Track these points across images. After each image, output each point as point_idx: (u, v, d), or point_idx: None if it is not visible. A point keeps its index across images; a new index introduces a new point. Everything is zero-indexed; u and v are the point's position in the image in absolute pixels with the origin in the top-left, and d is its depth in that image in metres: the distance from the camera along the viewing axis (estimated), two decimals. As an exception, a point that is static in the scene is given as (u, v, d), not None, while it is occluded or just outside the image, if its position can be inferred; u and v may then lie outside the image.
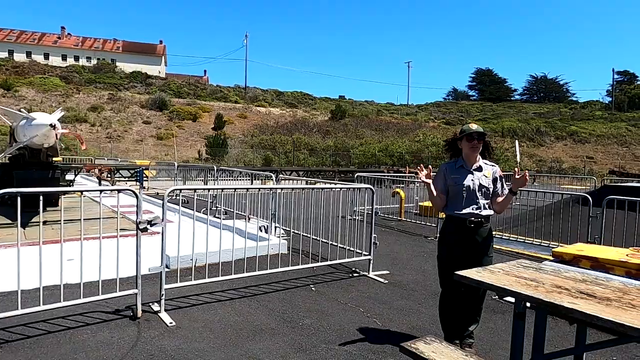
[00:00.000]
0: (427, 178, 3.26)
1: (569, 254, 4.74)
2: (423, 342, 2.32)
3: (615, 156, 40.96)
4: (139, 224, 3.74)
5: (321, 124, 44.85)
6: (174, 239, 4.24)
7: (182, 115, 41.89)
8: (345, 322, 3.94)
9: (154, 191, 14.48)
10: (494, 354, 3.41)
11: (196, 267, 4.61)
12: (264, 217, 7.70)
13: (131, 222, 7.16)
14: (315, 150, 35.74)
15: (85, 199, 3.92)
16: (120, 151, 31.60)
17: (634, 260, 4.28)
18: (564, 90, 73.47)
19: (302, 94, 63.77)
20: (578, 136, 46.45)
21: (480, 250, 3.22)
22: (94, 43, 66.48)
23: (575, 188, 21.30)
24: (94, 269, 3.75)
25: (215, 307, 4.19)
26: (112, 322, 3.72)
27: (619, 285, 2.39)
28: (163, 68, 68.10)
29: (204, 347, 3.35)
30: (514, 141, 19.47)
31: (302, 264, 5.27)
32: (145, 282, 4.43)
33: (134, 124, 39.15)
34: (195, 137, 37.79)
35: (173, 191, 4.39)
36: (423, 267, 6.03)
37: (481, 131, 3.24)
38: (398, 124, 49.00)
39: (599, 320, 1.85)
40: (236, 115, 45.35)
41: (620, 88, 60.51)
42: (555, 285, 2.33)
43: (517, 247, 7.38)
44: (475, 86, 77.90)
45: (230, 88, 60.13)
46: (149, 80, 54.10)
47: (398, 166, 30.44)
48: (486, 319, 3.96)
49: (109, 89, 47.22)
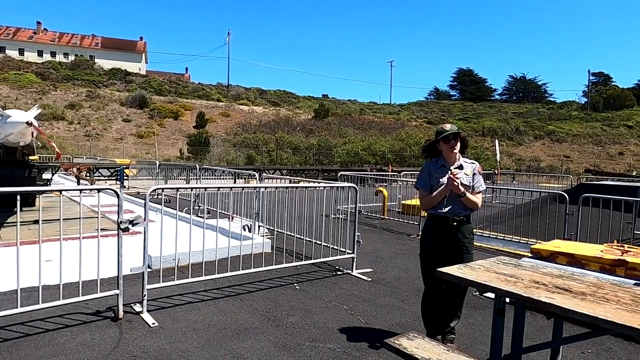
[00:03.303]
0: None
1: (546, 251, 4.87)
2: (406, 338, 2.36)
3: (591, 155, 42.13)
4: (120, 223, 3.69)
5: (304, 123, 44.83)
6: (156, 239, 4.19)
7: (163, 113, 41.28)
8: (329, 320, 3.97)
9: (134, 190, 14.26)
10: (475, 348, 3.48)
11: (179, 267, 4.58)
12: (247, 217, 7.68)
13: (112, 222, 7.05)
14: (298, 149, 35.70)
15: (64, 198, 3.84)
16: (100, 150, 30.98)
17: (608, 256, 4.43)
18: (542, 90, 75.14)
19: (285, 92, 63.60)
20: (555, 135, 47.59)
21: (461, 248, 3.28)
22: (72, 39, 64.86)
23: (553, 186, 21.84)
24: (73, 270, 3.68)
25: (198, 307, 4.16)
26: (92, 324, 3.66)
27: (594, 280, 2.48)
28: (143, 65, 66.94)
29: (187, 347, 3.32)
30: (494, 140, 19.93)
31: (286, 262, 5.28)
32: (127, 283, 4.38)
33: (113, 122, 38.41)
34: (177, 136, 37.31)
35: (155, 190, 4.34)
36: (406, 265, 6.10)
37: (456, 130, 3.30)
38: (381, 123, 49.33)
39: (574, 314, 1.92)
40: (218, 113, 44.94)
41: (595, 89, 62.17)
42: (534, 280, 2.40)
43: (497, 244, 7.53)
44: (456, 86, 78.98)
45: (212, 86, 59.54)
46: (129, 78, 53.12)
47: (381, 165, 30.67)
48: (467, 314, 4.04)
49: (88, 86, 46.21)
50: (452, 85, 79.92)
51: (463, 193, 3.22)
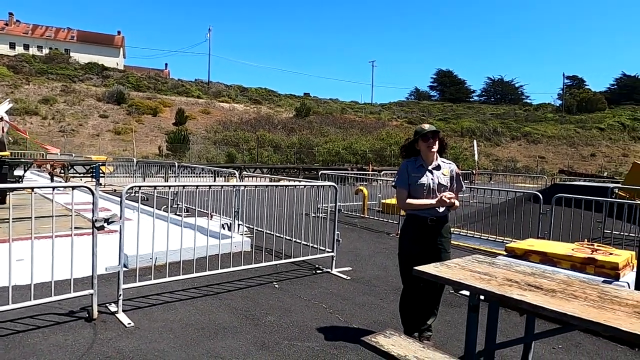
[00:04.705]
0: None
1: (520, 249, 5.00)
2: (383, 335, 2.39)
3: (565, 156, 43.34)
4: (95, 221, 3.61)
5: (286, 121, 44.68)
6: (132, 237, 4.12)
7: (141, 109, 40.47)
8: (308, 319, 3.98)
9: (111, 188, 13.96)
10: (450, 345, 3.55)
11: (156, 266, 4.51)
12: (227, 215, 7.61)
13: (86, 220, 6.89)
14: (279, 148, 35.56)
15: (36, 196, 3.74)
16: (75, 146, 30.17)
17: (579, 254, 4.58)
18: (519, 92, 76.77)
19: (267, 90, 63.23)
20: (531, 137, 48.76)
21: (439, 247, 3.33)
22: (46, 31, 62.91)
23: (528, 186, 22.37)
24: (46, 270, 3.59)
25: (176, 307, 4.11)
26: (65, 325, 3.57)
27: (564, 277, 2.56)
28: (121, 60, 65.47)
29: (164, 348, 3.28)
30: (472, 141, 20.26)
31: (265, 261, 5.26)
32: (101, 283, 4.30)
33: (89, 117, 37.46)
34: (156, 133, 36.66)
35: (132, 188, 4.26)
36: (384, 263, 6.16)
37: (434, 129, 3.34)
38: (362, 122, 49.57)
39: (544, 310, 1.98)
40: (198, 110, 44.35)
41: (569, 92, 63.93)
42: (507, 278, 2.46)
43: (473, 242, 7.68)
44: (436, 87, 79.99)
45: (192, 83, 58.70)
46: (106, 72, 51.88)
47: (362, 164, 30.84)
48: (443, 312, 4.11)
49: (62, 81, 44.92)
50: (432, 86, 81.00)
51: (456, 206, 3.34)
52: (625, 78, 67.49)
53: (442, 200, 3.21)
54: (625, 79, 67.51)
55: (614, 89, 67.12)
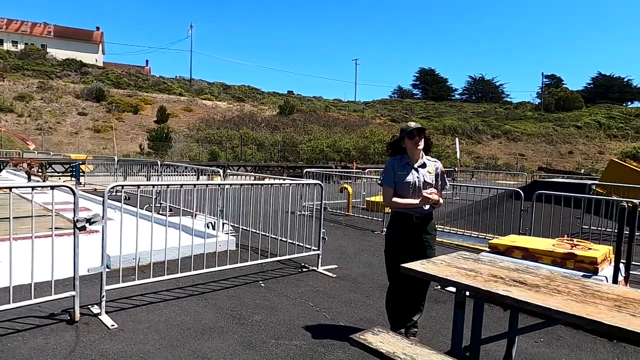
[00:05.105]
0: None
1: (503, 245, 5.09)
2: (371, 333, 2.40)
3: (544, 154, 44.28)
4: (76, 221, 3.53)
5: (269, 119, 44.48)
6: (115, 238, 4.04)
7: (121, 107, 39.74)
8: (295, 317, 3.97)
9: (91, 187, 13.68)
10: (436, 340, 3.59)
11: (140, 266, 4.43)
12: (211, 214, 7.54)
13: (66, 220, 6.74)
14: (263, 146, 35.40)
15: (14, 196, 3.63)
16: (53, 144, 29.44)
17: (559, 249, 4.68)
18: (499, 91, 78.10)
19: (250, 88, 62.81)
20: (511, 135, 49.66)
21: (425, 244, 3.36)
22: (21, 26, 61.07)
23: (509, 183, 22.77)
24: (25, 271, 3.49)
25: (160, 307, 4.05)
26: (46, 327, 3.49)
27: (547, 273, 2.62)
28: (100, 56, 64.07)
29: (149, 349, 3.23)
30: (454, 139, 20.51)
31: (251, 260, 5.23)
32: (83, 284, 4.21)
33: (67, 115, 36.60)
34: (137, 130, 36.06)
35: (114, 187, 4.18)
36: (370, 261, 6.19)
37: (420, 126, 3.38)
38: (346, 120, 49.70)
39: (529, 305, 2.02)
40: (181, 108, 43.78)
41: (548, 91, 65.35)
42: (492, 274, 2.50)
43: (456, 239, 7.79)
44: (419, 85, 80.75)
45: (174, 80, 57.90)
46: (84, 69, 50.73)
47: (346, 162, 30.93)
48: (428, 308, 4.15)
49: (39, 77, 43.75)
50: (414, 84, 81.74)
51: (440, 204, 3.36)
52: (601, 77, 69.40)
53: (425, 198, 3.25)
54: (601, 78, 69.41)
55: (591, 88, 68.98)
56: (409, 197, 3.33)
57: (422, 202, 3.25)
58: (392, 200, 3.37)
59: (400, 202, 3.33)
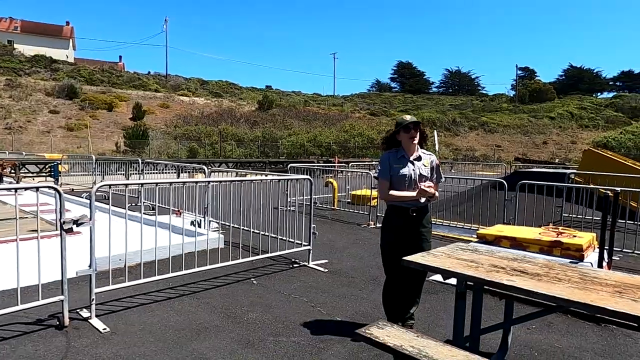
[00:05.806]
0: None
1: (491, 235, 5.17)
2: (376, 327, 2.40)
3: (519, 144, 45.29)
4: (63, 223, 3.40)
5: (248, 115, 44.01)
6: (101, 239, 3.92)
7: (95, 104, 38.61)
8: (291, 313, 3.95)
9: (68, 187, 13.27)
10: (432, 331, 3.63)
11: (128, 267, 4.32)
12: (195, 212, 7.41)
13: (47, 222, 6.51)
14: (242, 141, 35.02)
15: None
16: (24, 144, 28.42)
17: (546, 237, 4.79)
18: (475, 84, 79.28)
19: (228, 83, 61.97)
20: (488, 126, 50.57)
21: (421, 237, 3.38)
22: (-15, 21, 58.58)
23: (488, 174, 23.22)
24: (9, 276, 3.35)
25: (152, 309, 3.96)
26: (34, 334, 3.36)
27: (544, 262, 2.66)
28: (71, 52, 62.04)
29: (145, 352, 3.16)
30: (432, 131, 20.79)
31: (241, 257, 5.17)
32: (71, 287, 4.07)
33: (38, 113, 35.35)
34: (112, 128, 35.14)
35: (101, 187, 4.05)
36: (360, 254, 6.21)
37: (416, 120, 3.39)
38: (325, 114, 49.62)
39: (535, 295, 2.04)
40: (157, 104, 42.86)
41: (522, 83, 66.76)
42: (493, 265, 2.53)
43: (443, 230, 7.88)
44: (396, 78, 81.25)
45: (149, 76, 56.60)
46: (54, 65, 49.04)
47: (327, 156, 30.93)
48: (423, 299, 4.17)
49: (6, 74, 42.04)
50: (392, 77, 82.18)
51: (436, 197, 3.37)
52: (572, 69, 71.34)
53: (422, 191, 3.26)
54: (572, 70, 71.35)
55: (562, 80, 70.85)
56: (405, 190, 3.34)
57: (419, 194, 3.26)
58: (388, 193, 3.37)
59: (396, 195, 3.33)
